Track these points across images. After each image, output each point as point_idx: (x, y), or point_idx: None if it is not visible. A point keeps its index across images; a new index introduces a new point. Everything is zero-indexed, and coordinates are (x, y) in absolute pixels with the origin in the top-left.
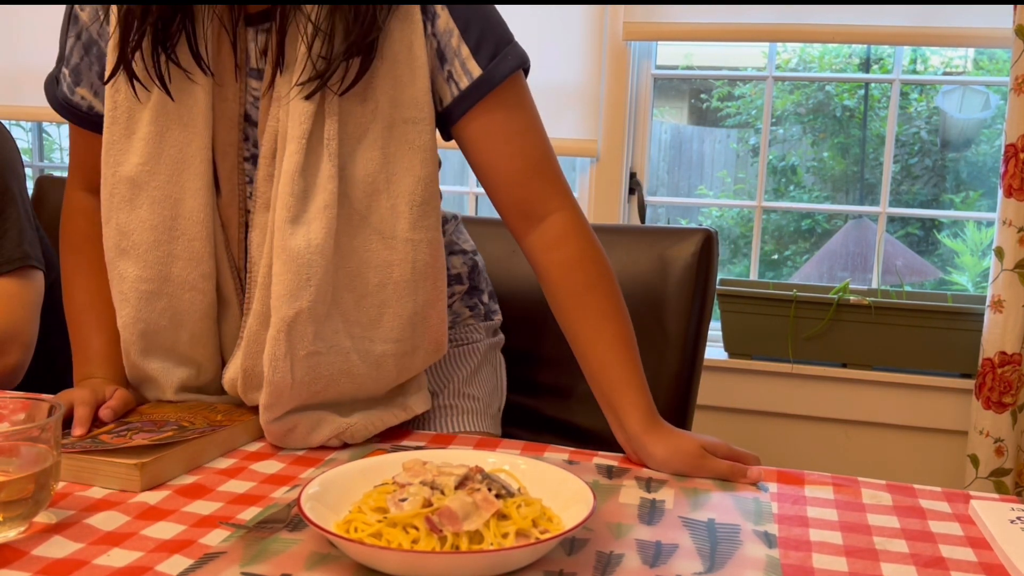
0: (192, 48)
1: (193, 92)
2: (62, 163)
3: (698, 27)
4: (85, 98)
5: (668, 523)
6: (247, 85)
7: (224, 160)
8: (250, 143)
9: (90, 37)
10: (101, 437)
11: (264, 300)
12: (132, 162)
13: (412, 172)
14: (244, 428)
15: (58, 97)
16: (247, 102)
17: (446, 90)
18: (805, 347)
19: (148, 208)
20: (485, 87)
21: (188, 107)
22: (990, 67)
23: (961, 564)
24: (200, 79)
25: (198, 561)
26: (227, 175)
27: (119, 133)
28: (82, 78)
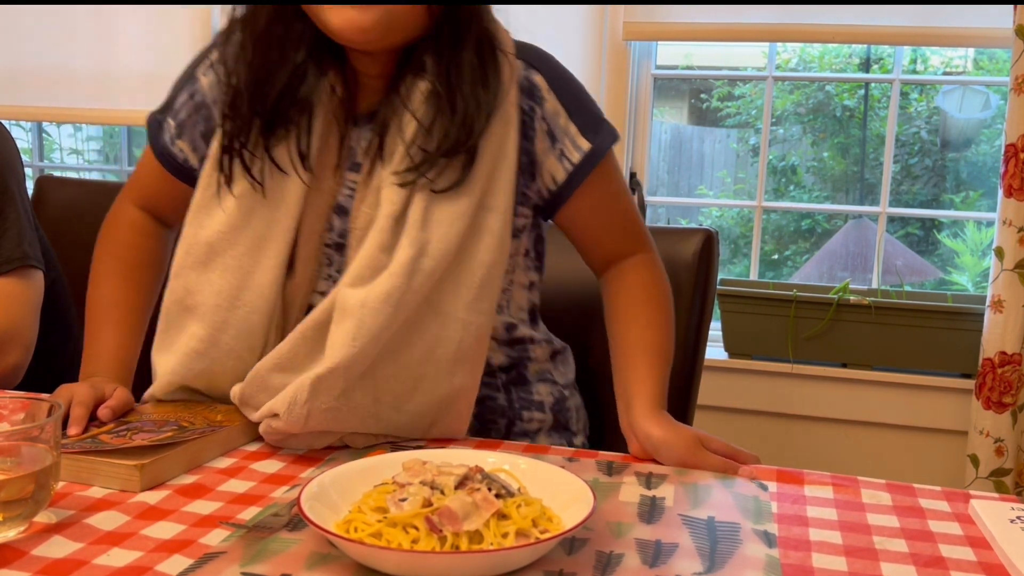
0: (299, 147)
1: (288, 181)
2: (62, 163)
3: (698, 27)
4: (183, 151)
5: (668, 521)
6: (344, 178)
7: (306, 244)
8: (335, 232)
9: (203, 100)
10: (101, 437)
11: None
12: (214, 228)
13: (479, 256)
14: (244, 428)
15: (159, 141)
16: (341, 193)
17: (559, 168)
18: (805, 347)
19: (219, 274)
20: (595, 159)
21: (281, 193)
22: (990, 67)
23: (961, 564)
24: (298, 172)
25: (198, 561)
26: (305, 258)
27: (209, 199)
28: (184, 133)
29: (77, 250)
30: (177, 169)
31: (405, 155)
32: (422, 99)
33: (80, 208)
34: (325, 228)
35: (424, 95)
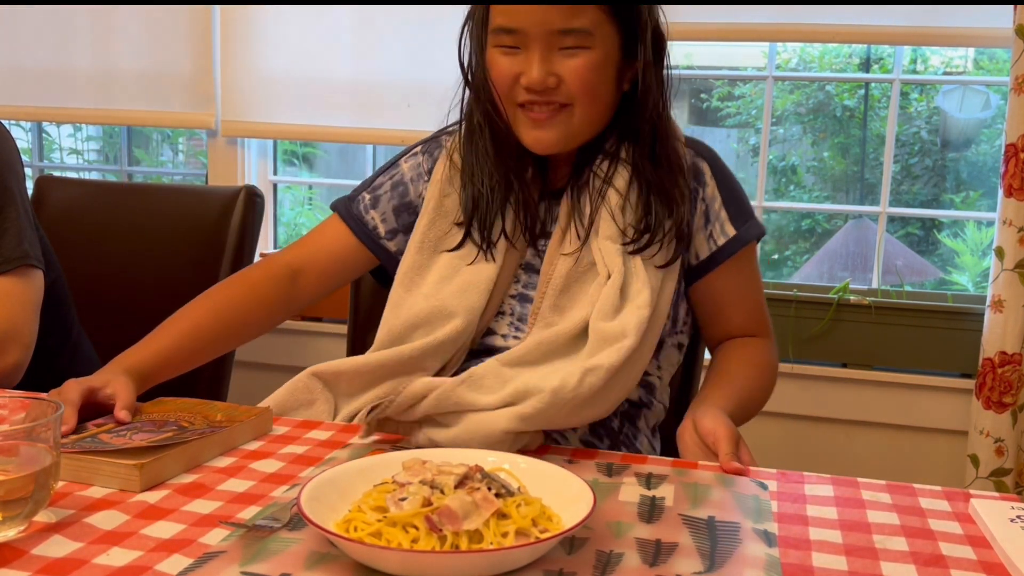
0: (504, 227)
1: (500, 246)
2: (62, 163)
3: (698, 27)
4: (374, 219)
5: (668, 521)
6: (536, 243)
7: (495, 295)
8: (520, 284)
9: (402, 180)
10: (100, 436)
11: None
12: (430, 283)
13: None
14: (244, 428)
15: (351, 210)
16: (530, 254)
17: (704, 246)
18: (805, 347)
19: (423, 301)
20: (737, 245)
21: (496, 256)
22: (990, 67)
23: (961, 562)
24: (498, 249)
25: (198, 560)
26: (491, 306)
27: (421, 263)
28: (379, 204)
29: (77, 250)
30: (364, 234)
31: (616, 227)
32: (623, 182)
33: (80, 208)
34: (512, 281)
35: (624, 179)
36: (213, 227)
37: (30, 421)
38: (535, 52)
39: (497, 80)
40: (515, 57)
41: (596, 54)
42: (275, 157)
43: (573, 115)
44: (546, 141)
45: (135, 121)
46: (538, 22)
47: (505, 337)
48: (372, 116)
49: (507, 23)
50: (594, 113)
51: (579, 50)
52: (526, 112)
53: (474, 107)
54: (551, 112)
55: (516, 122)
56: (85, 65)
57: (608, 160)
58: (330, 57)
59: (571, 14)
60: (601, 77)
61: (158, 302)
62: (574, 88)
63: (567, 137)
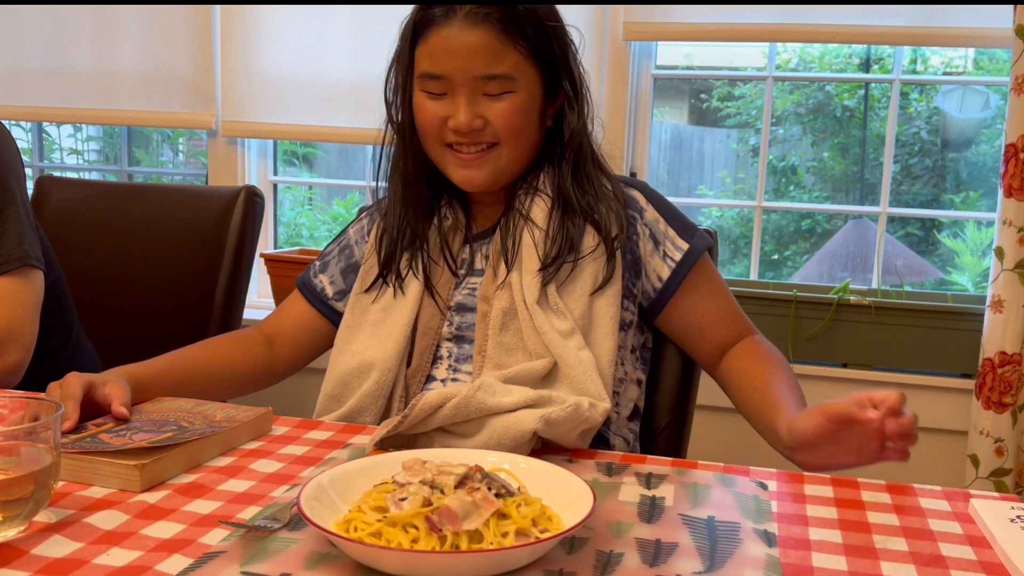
0: (420, 265)
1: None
2: (62, 163)
3: (698, 27)
4: (322, 282)
5: (668, 521)
6: (465, 281)
7: (422, 339)
8: (453, 326)
9: (348, 243)
10: (100, 436)
11: None
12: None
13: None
14: (244, 429)
15: (305, 280)
16: (460, 294)
17: (662, 266)
18: (805, 347)
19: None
20: (694, 256)
21: (407, 300)
22: (990, 67)
23: (960, 563)
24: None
25: (198, 560)
26: (422, 350)
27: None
28: (328, 268)
29: (77, 250)
30: (315, 297)
31: (536, 259)
32: (543, 213)
33: (80, 208)
34: (441, 324)
35: (544, 210)
36: (213, 227)
37: (30, 421)
38: (461, 97)
39: (425, 123)
40: (441, 102)
41: (520, 97)
42: (275, 157)
43: (501, 155)
44: (476, 180)
45: (135, 121)
46: (461, 69)
47: (444, 382)
48: (372, 116)
49: (432, 69)
50: (520, 151)
51: (504, 95)
52: (455, 153)
53: (398, 149)
54: (479, 152)
55: (445, 162)
56: (85, 65)
57: (529, 195)
58: (330, 57)
59: (493, 60)
60: (526, 118)
61: (158, 302)
62: (500, 129)
63: (495, 174)
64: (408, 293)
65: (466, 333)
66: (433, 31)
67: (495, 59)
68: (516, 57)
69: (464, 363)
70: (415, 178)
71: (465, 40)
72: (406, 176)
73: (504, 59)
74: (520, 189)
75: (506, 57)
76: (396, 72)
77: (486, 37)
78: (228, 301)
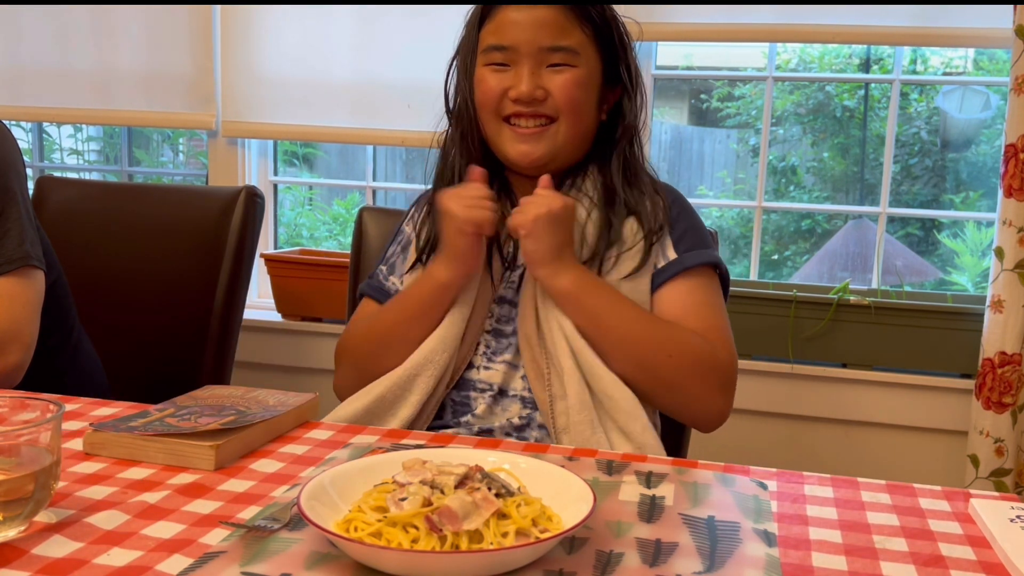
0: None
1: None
2: (62, 163)
3: (698, 27)
4: (395, 284)
5: (668, 521)
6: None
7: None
8: (493, 319)
9: (408, 241)
10: (168, 421)
11: None
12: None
13: None
14: (296, 413)
15: (374, 285)
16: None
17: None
18: (805, 347)
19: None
20: (675, 267)
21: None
22: (990, 67)
23: (960, 563)
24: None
25: (198, 560)
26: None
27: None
28: (395, 270)
29: (77, 250)
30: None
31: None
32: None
33: (80, 209)
34: (486, 316)
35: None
36: (213, 227)
37: (31, 421)
38: (524, 67)
39: (485, 96)
40: (504, 73)
41: (581, 72)
42: (275, 157)
43: (559, 131)
44: (532, 155)
45: (135, 121)
46: (527, 40)
47: (479, 369)
48: (372, 116)
49: (498, 41)
50: (576, 131)
51: (566, 67)
52: (512, 128)
53: (451, 141)
54: (537, 127)
55: (501, 138)
56: (85, 65)
57: (572, 189)
58: (330, 57)
59: (559, 33)
60: (586, 95)
61: (158, 302)
62: (561, 102)
63: (552, 151)
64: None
65: (504, 327)
66: (500, 10)
67: (561, 32)
68: (581, 35)
69: (499, 354)
70: (477, 159)
71: (533, 13)
72: (470, 157)
73: (570, 34)
74: (564, 187)
75: (572, 32)
76: (460, 59)
77: (553, 13)
78: (228, 301)
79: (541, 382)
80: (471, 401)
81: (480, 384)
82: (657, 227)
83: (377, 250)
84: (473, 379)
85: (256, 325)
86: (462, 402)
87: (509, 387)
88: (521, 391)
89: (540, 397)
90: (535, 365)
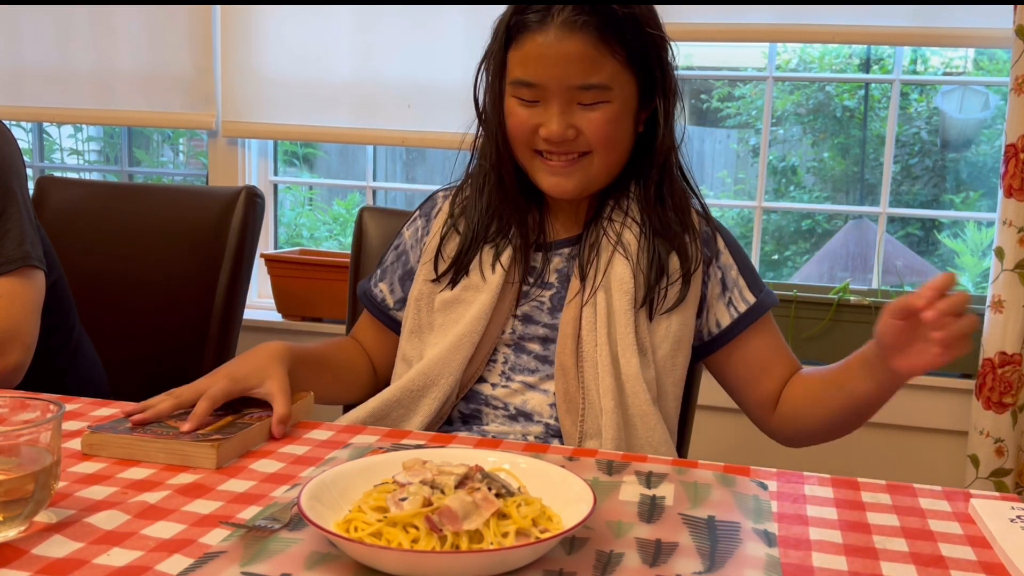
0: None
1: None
2: (62, 163)
3: (698, 27)
4: (383, 291)
5: (668, 521)
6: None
7: (486, 342)
8: (515, 333)
9: (404, 249)
10: (169, 423)
11: None
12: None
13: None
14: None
15: (366, 290)
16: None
17: (725, 314)
18: (805, 347)
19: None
20: (759, 312)
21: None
22: (990, 67)
23: (960, 563)
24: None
25: (198, 560)
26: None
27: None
28: (385, 277)
29: (77, 250)
30: (377, 309)
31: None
32: (634, 240)
33: (80, 209)
34: (503, 331)
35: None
36: (213, 227)
37: (31, 421)
38: (554, 106)
39: (515, 130)
40: (534, 109)
41: (615, 107)
42: (275, 157)
43: (592, 163)
44: (565, 187)
45: (135, 121)
46: (556, 78)
47: (494, 386)
48: (372, 116)
49: (526, 76)
50: (612, 160)
51: (599, 104)
52: (544, 161)
53: (487, 150)
54: (570, 161)
55: (534, 169)
56: (85, 65)
57: (619, 216)
58: (330, 57)
59: (590, 70)
60: (619, 128)
61: (158, 302)
62: (593, 140)
63: (586, 183)
64: (481, 293)
65: (527, 345)
66: (528, 37)
67: (591, 69)
68: (613, 66)
69: (518, 373)
70: (510, 183)
71: (561, 48)
72: (501, 179)
73: (601, 69)
74: (607, 207)
75: (603, 67)
76: (487, 72)
77: (583, 46)
78: (228, 301)
79: (572, 416)
80: (482, 416)
81: (493, 400)
82: (697, 262)
83: (377, 250)
84: (485, 394)
85: (256, 325)
86: (471, 415)
87: (533, 411)
88: (548, 418)
89: (568, 431)
90: (568, 397)
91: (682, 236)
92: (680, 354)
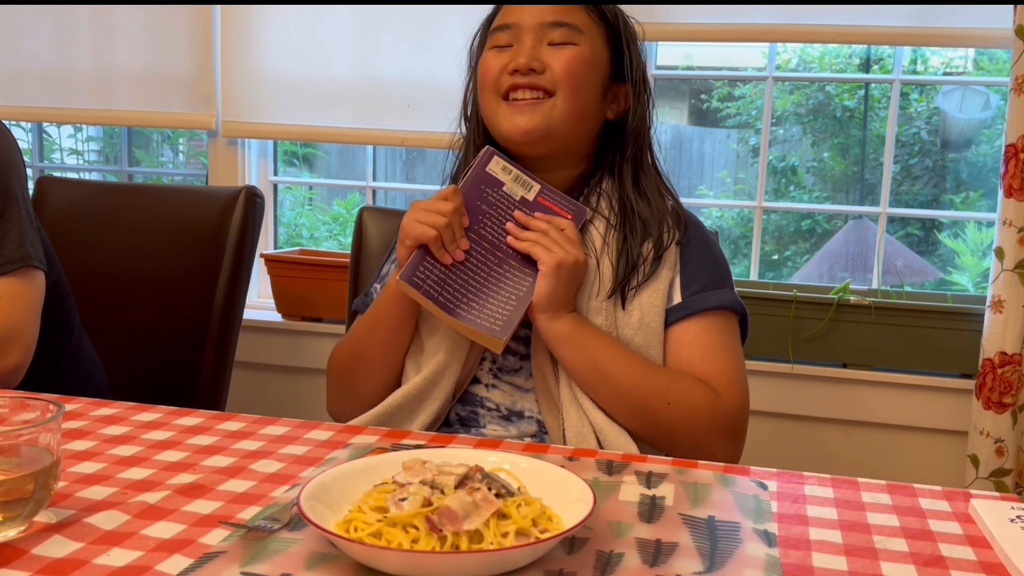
0: None
1: None
2: (62, 163)
3: (698, 27)
4: None
5: (668, 521)
6: None
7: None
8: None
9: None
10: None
11: None
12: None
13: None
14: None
15: (364, 301)
16: None
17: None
18: (805, 347)
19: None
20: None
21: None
22: (990, 67)
23: (960, 563)
24: None
25: (198, 560)
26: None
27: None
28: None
29: (77, 250)
30: None
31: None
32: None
33: (80, 209)
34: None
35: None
36: (213, 228)
37: (31, 421)
38: (525, 42)
39: (485, 74)
40: (506, 53)
41: (584, 50)
42: (275, 157)
43: (555, 105)
44: (524, 127)
45: (135, 121)
46: (531, 15)
47: (488, 387)
48: (372, 116)
49: (503, 20)
50: (575, 108)
51: (567, 45)
52: (509, 104)
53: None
54: (533, 101)
55: (498, 117)
56: (85, 65)
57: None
58: (330, 57)
59: (562, 11)
60: (587, 72)
61: (158, 303)
62: (559, 74)
63: (546, 126)
64: None
65: (510, 344)
66: (504, 8)
67: (564, 10)
68: (585, 17)
69: (506, 373)
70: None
71: None
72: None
73: (573, 13)
74: (577, 197)
75: (575, 12)
76: (470, 63)
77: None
78: (228, 301)
79: (553, 414)
80: (479, 418)
81: (488, 403)
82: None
83: (377, 250)
84: (479, 395)
85: (256, 325)
86: (468, 417)
87: (524, 409)
88: (537, 414)
89: (552, 428)
90: (547, 395)
91: (655, 226)
92: (654, 341)
